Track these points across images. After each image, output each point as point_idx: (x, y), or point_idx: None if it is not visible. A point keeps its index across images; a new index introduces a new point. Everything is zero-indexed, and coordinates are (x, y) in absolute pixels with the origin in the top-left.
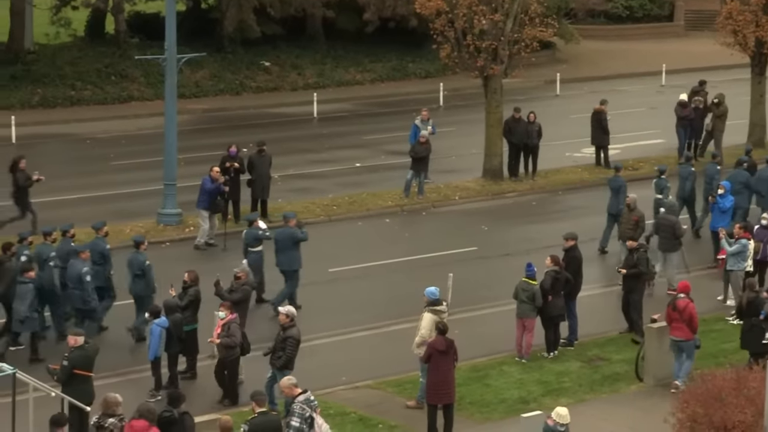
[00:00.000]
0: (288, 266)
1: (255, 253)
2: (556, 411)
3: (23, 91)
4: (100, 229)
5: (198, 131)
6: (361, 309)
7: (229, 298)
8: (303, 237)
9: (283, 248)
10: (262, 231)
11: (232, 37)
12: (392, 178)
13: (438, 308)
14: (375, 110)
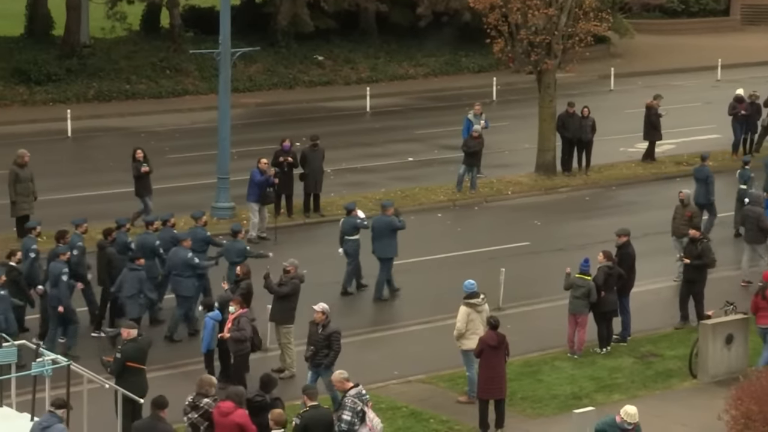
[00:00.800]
0: (384, 254)
1: (352, 241)
2: (625, 409)
3: (79, 84)
4: (200, 218)
5: (251, 125)
6: (413, 303)
7: (278, 291)
8: (400, 225)
9: (380, 236)
10: (361, 220)
11: (285, 31)
12: (445, 173)
13: (473, 301)
14: (428, 104)
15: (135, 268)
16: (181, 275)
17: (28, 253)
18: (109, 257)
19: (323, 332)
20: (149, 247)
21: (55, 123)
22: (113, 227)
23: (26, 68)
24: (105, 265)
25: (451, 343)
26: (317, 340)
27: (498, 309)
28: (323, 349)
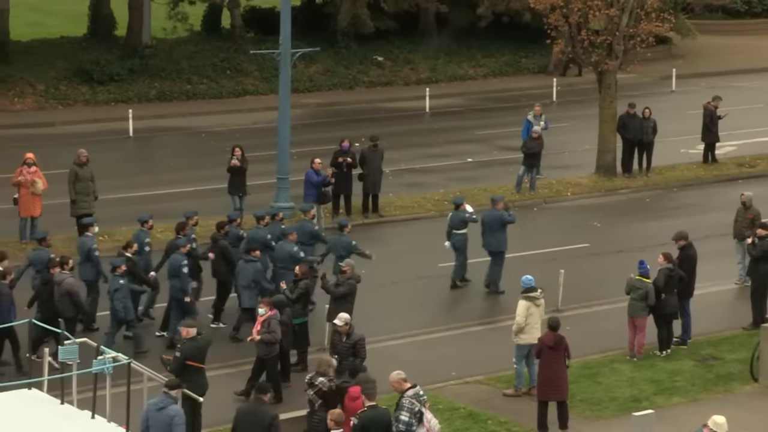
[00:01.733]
0: (495, 247)
1: (460, 235)
2: (713, 419)
3: (141, 84)
4: (308, 212)
5: (311, 125)
6: (472, 304)
7: (335, 291)
8: (511, 219)
9: (491, 230)
10: (469, 214)
11: (345, 31)
12: (504, 174)
13: (532, 295)
14: (487, 105)
15: (251, 259)
16: (287, 268)
17: (143, 247)
18: (222, 250)
19: (348, 341)
20: (261, 241)
21: (117, 123)
22: (226, 221)
23: (89, 68)
24: (219, 257)
25: (509, 345)
26: (342, 349)
27: (557, 310)
28: (348, 357)
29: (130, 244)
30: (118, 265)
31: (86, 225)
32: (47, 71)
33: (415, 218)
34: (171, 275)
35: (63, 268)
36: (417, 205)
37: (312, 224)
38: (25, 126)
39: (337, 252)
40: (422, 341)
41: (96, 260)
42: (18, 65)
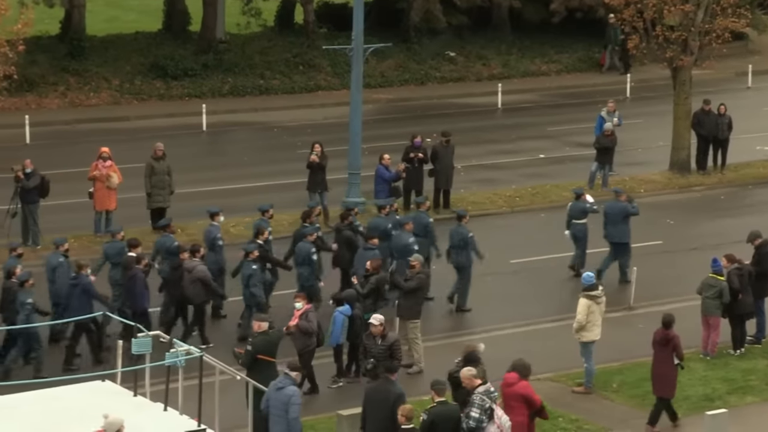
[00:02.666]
0: (618, 238)
1: (580, 225)
2: None
3: (214, 79)
4: (423, 203)
5: (382, 121)
6: (543, 301)
7: (405, 286)
8: (634, 211)
9: (614, 221)
10: (590, 204)
11: (418, 27)
12: (576, 170)
13: (593, 293)
14: (560, 101)
15: (369, 247)
16: (402, 258)
17: (216, 241)
18: (346, 239)
19: (384, 343)
20: (381, 229)
21: (191, 117)
22: (347, 211)
23: (163, 63)
24: (343, 246)
25: None
26: (378, 351)
27: (629, 308)
28: (386, 359)
29: (262, 231)
30: (251, 251)
31: (214, 214)
32: (123, 66)
33: (486, 214)
34: (299, 263)
35: (194, 256)
36: (488, 201)
37: (427, 216)
38: (100, 120)
39: (453, 242)
40: (493, 338)
41: (220, 249)
42: (94, 60)
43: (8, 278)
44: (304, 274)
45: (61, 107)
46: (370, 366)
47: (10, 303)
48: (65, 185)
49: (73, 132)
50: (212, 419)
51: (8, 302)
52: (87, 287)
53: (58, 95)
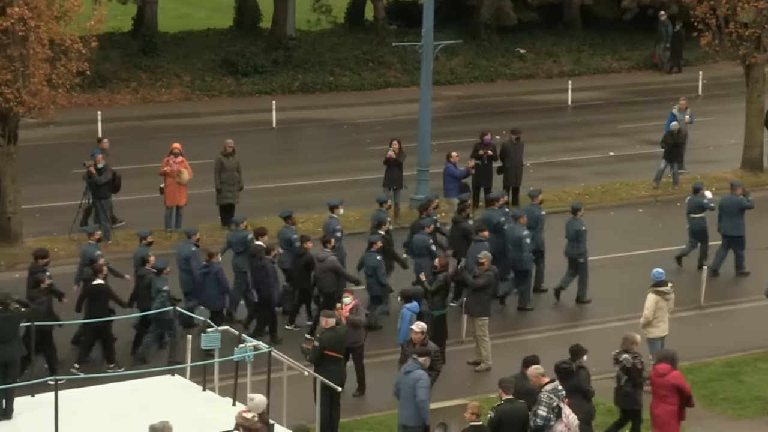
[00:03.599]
0: (733, 232)
1: (698, 219)
2: None
3: (284, 76)
4: (536, 197)
5: (451, 118)
6: (613, 299)
7: (474, 283)
8: (749, 205)
9: (729, 214)
10: (707, 200)
11: (488, 24)
12: (647, 168)
13: (662, 289)
14: (631, 99)
15: (480, 240)
16: (517, 250)
17: (335, 233)
18: (462, 230)
19: (421, 350)
20: (492, 222)
21: (261, 114)
22: (463, 203)
23: (234, 60)
24: (459, 238)
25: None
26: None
27: (699, 307)
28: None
29: (383, 221)
30: (374, 241)
31: (333, 206)
32: (194, 63)
33: (556, 212)
34: (417, 254)
35: (326, 246)
36: (557, 199)
37: (539, 209)
38: (171, 117)
39: (567, 235)
40: (562, 336)
41: (338, 240)
42: (166, 57)
43: (143, 266)
44: (422, 265)
45: (132, 103)
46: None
47: (144, 290)
48: (136, 181)
49: (145, 128)
50: (280, 415)
51: (142, 289)
52: (219, 275)
53: (130, 91)
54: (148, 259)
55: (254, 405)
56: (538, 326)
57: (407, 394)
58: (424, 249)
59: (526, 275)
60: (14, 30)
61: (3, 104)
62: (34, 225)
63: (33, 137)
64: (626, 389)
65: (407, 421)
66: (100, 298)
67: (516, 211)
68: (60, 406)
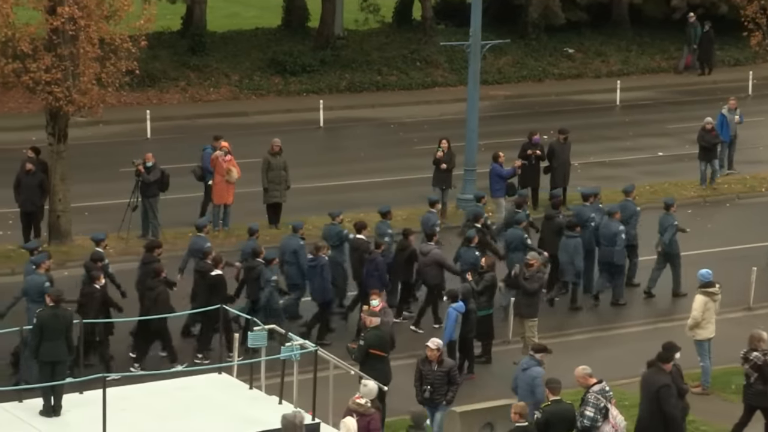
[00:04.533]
0: None
1: None
2: None
3: (332, 75)
4: (630, 192)
5: (499, 117)
6: (659, 300)
7: (527, 287)
8: None
9: None
10: None
11: (536, 23)
12: (695, 169)
13: (710, 290)
14: (680, 98)
15: (572, 235)
16: (611, 246)
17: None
18: (556, 226)
19: (440, 368)
20: (583, 218)
21: (308, 113)
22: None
23: (282, 59)
24: (551, 234)
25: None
26: (435, 378)
27: (748, 308)
28: (443, 386)
29: (479, 216)
30: (471, 237)
31: (433, 202)
32: (242, 62)
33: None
34: (512, 249)
35: (431, 240)
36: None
37: (634, 205)
38: (219, 115)
39: (661, 230)
40: (611, 336)
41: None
42: (214, 56)
43: (253, 257)
44: (518, 259)
45: (181, 102)
46: (428, 394)
47: (253, 281)
48: (184, 179)
49: (193, 127)
50: (326, 413)
51: (251, 280)
52: (326, 267)
53: (179, 90)
54: (260, 250)
55: (367, 391)
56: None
57: (524, 391)
58: (519, 243)
59: (619, 271)
60: (64, 29)
61: (53, 103)
62: (84, 223)
63: (82, 136)
64: (757, 387)
65: None
66: (220, 288)
67: (611, 207)
68: (108, 403)
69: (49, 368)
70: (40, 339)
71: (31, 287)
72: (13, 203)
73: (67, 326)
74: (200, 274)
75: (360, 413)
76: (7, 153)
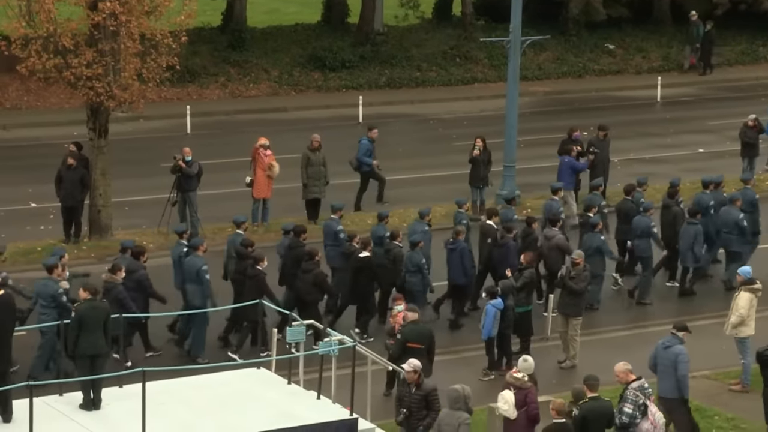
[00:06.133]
0: None
1: None
2: None
3: (371, 71)
4: (749, 180)
5: (538, 114)
6: (704, 297)
7: (574, 287)
8: None
9: None
10: None
11: (576, 19)
12: (737, 165)
13: (756, 286)
14: (722, 95)
15: (692, 222)
16: (731, 233)
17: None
18: (674, 215)
19: (419, 392)
20: (704, 206)
21: (347, 109)
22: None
23: (322, 55)
24: (670, 222)
25: None
26: (412, 402)
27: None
28: (421, 410)
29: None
30: (596, 223)
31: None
32: (282, 58)
33: None
34: (639, 235)
35: (555, 226)
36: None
37: (753, 192)
38: (258, 111)
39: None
40: (651, 333)
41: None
42: (254, 52)
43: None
44: (642, 246)
45: (221, 98)
46: (402, 417)
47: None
48: (223, 175)
49: (233, 122)
50: (364, 408)
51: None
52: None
53: (219, 86)
54: (398, 234)
55: (526, 366)
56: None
57: (666, 368)
58: (646, 230)
59: (737, 257)
60: (105, 25)
61: (94, 98)
62: (124, 218)
63: (123, 131)
64: None
65: (665, 393)
66: (366, 271)
67: (731, 194)
68: (148, 396)
69: (88, 362)
70: (79, 332)
71: (42, 292)
72: (55, 198)
73: (105, 319)
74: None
75: (517, 387)
76: (48, 148)
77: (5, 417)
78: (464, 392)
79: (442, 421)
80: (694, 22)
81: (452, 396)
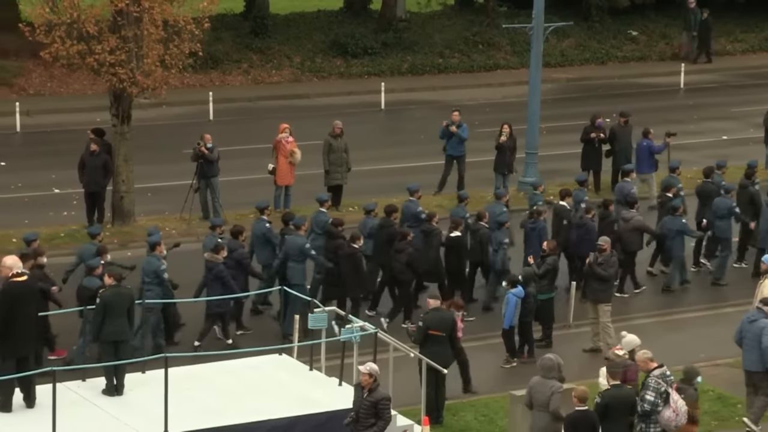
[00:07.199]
0: None
1: None
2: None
3: (393, 58)
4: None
5: (561, 100)
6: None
7: (601, 273)
8: None
9: None
10: None
11: (600, 5)
12: (760, 152)
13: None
14: (745, 82)
15: None
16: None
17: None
18: (751, 196)
19: (369, 398)
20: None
21: (370, 95)
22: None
23: (344, 41)
24: (746, 203)
25: None
26: (361, 407)
27: None
28: (369, 417)
29: (672, 185)
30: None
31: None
32: (304, 44)
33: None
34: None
35: (632, 207)
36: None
37: None
38: (281, 98)
39: None
40: (675, 321)
41: None
42: (276, 38)
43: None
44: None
45: (243, 84)
46: (349, 420)
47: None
48: (245, 161)
49: (255, 109)
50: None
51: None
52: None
53: (241, 72)
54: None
55: (626, 342)
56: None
57: (752, 341)
58: (726, 211)
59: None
60: (128, 11)
61: (117, 84)
62: (146, 204)
63: (146, 117)
64: None
65: (750, 366)
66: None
67: None
68: (172, 382)
69: (112, 347)
70: (103, 318)
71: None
72: (78, 184)
73: (129, 305)
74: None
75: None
76: (71, 134)
77: (28, 402)
78: (557, 361)
79: (534, 388)
80: (691, 10)
81: (546, 365)
